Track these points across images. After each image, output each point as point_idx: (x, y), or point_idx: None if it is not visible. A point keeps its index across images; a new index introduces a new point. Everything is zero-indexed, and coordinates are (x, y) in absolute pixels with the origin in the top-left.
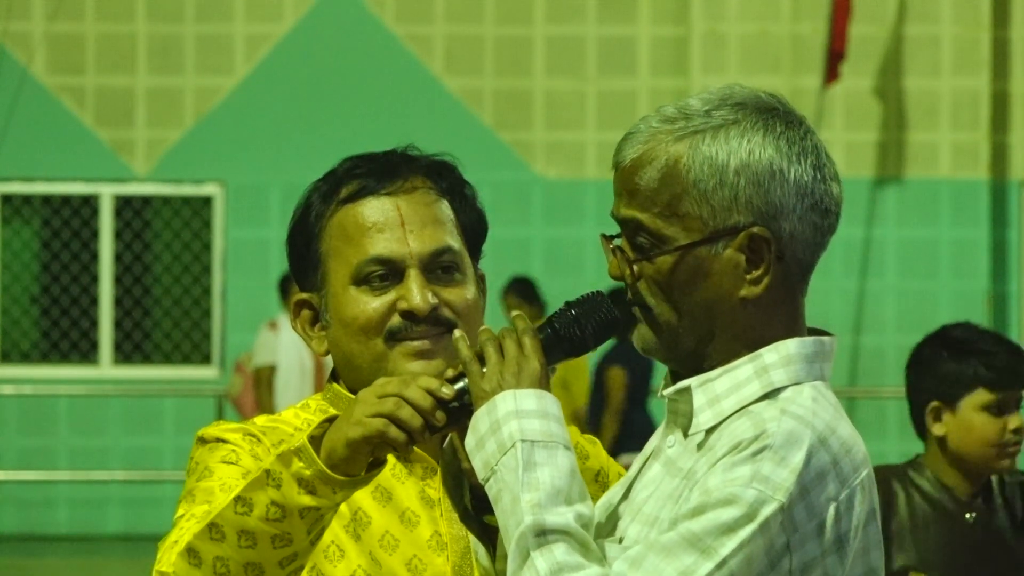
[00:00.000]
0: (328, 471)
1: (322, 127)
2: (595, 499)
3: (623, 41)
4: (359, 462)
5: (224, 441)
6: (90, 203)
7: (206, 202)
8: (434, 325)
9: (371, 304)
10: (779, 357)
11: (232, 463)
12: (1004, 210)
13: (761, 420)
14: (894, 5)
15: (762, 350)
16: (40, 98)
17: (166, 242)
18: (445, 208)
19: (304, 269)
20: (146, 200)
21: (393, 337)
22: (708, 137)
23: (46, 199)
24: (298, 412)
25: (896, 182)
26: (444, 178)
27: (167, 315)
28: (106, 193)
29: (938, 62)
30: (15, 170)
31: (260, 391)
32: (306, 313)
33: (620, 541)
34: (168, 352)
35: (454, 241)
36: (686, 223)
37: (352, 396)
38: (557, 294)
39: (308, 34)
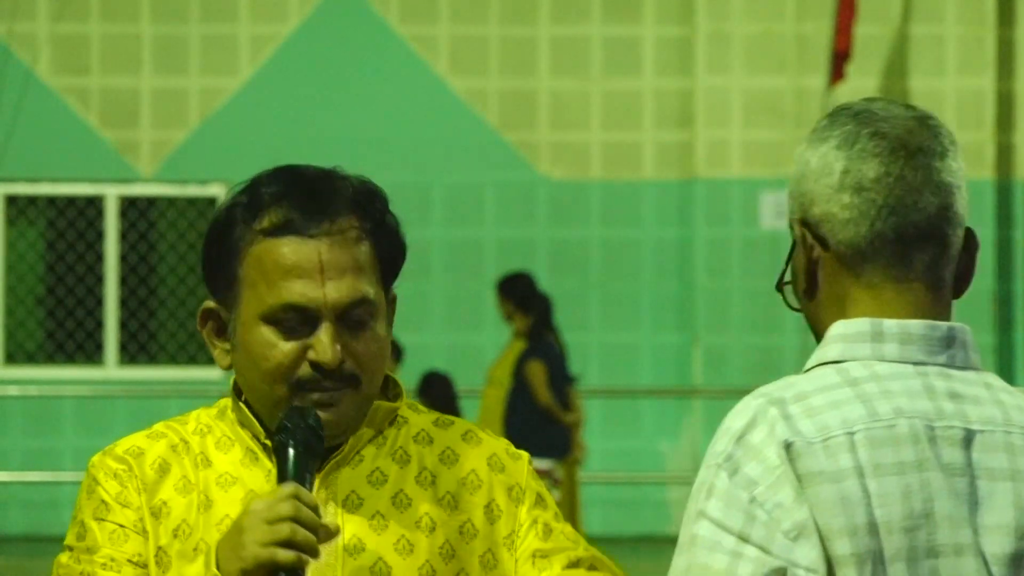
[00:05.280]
0: None
1: (326, 127)
2: (504, 511)
3: (628, 41)
4: None
5: (98, 483)
6: (95, 204)
7: (211, 203)
8: (339, 380)
9: (279, 346)
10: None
11: (102, 519)
12: (1009, 210)
13: None
14: (899, 5)
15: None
16: (45, 99)
17: (171, 243)
18: (366, 250)
19: (217, 280)
20: (151, 201)
21: (300, 387)
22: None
23: (51, 200)
24: (200, 415)
25: None
26: (369, 214)
27: (172, 316)
28: (111, 194)
29: (943, 62)
30: (20, 171)
31: None
32: (213, 323)
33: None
34: (173, 353)
35: (370, 287)
36: (793, 231)
37: (252, 418)
38: (562, 294)
39: (312, 35)
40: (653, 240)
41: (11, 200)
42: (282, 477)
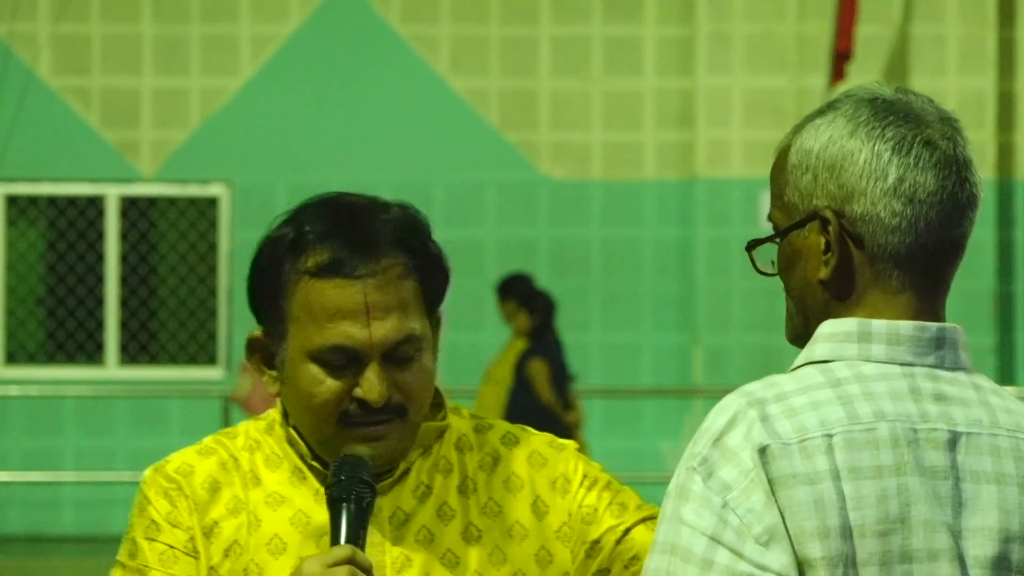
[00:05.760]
0: None
1: (328, 128)
2: (551, 505)
3: (629, 41)
4: None
5: (149, 501)
6: (96, 204)
7: (212, 203)
8: (385, 412)
9: (326, 384)
10: (812, 340)
11: (153, 539)
12: (1010, 209)
13: None
14: (899, 5)
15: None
16: (46, 99)
17: (172, 243)
18: (411, 286)
19: (265, 312)
20: (152, 201)
21: (346, 421)
22: (809, 127)
23: (52, 200)
24: (249, 428)
25: None
26: (413, 249)
27: (173, 316)
28: (112, 194)
29: (944, 62)
30: (21, 171)
31: None
32: (260, 352)
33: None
34: (174, 353)
35: (416, 322)
36: (788, 211)
37: (299, 439)
38: (562, 294)
39: (313, 34)
40: (654, 240)
41: (12, 200)
42: (335, 538)
